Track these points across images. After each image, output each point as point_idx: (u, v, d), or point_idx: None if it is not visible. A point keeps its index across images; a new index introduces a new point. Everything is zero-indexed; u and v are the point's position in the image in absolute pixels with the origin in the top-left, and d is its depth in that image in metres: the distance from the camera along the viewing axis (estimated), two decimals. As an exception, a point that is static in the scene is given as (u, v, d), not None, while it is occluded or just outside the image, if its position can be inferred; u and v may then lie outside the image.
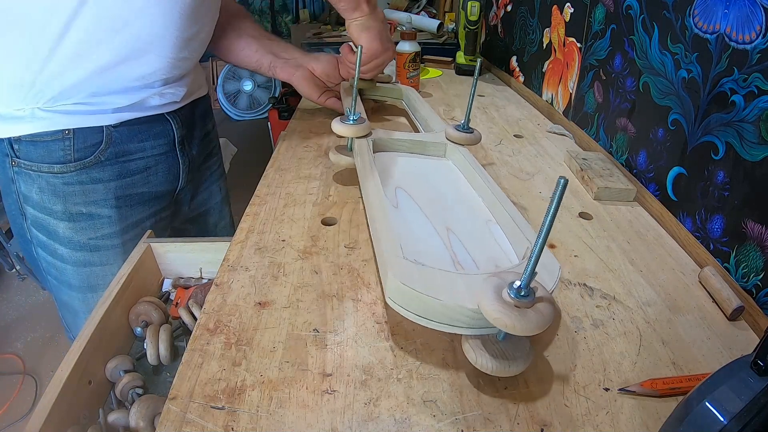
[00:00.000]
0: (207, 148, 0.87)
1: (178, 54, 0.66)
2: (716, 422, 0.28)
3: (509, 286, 0.35)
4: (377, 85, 0.99)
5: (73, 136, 0.64)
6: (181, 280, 0.65)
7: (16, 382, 1.55)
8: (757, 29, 0.48)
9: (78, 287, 0.73)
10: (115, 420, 0.47)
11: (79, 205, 0.68)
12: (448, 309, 0.37)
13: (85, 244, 0.70)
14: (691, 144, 0.59)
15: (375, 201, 0.51)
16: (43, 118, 0.62)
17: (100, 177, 0.68)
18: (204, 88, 0.84)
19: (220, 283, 0.50)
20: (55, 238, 0.69)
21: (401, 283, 0.38)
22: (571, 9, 0.91)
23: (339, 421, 0.37)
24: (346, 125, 0.66)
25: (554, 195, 0.30)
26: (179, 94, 0.72)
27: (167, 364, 0.53)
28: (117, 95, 0.64)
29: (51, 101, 0.61)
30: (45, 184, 0.66)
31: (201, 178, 0.88)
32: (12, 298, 1.94)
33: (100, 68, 0.61)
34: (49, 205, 0.67)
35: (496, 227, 0.53)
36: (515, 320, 0.33)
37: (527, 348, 0.39)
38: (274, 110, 2.71)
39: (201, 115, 0.83)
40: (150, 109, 0.69)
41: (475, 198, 0.59)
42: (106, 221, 0.70)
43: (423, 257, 0.45)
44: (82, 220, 0.69)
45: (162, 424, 0.36)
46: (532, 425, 0.37)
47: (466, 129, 0.68)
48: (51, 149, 0.63)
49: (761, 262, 0.48)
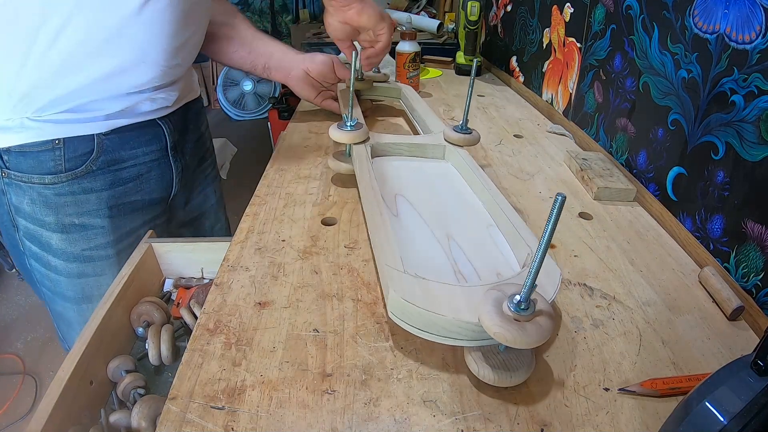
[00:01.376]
0: (200, 151, 0.86)
1: (170, 62, 0.65)
2: (716, 422, 0.28)
3: (509, 299, 0.35)
4: (374, 85, 0.99)
5: (63, 146, 0.62)
6: (183, 280, 0.65)
7: (16, 382, 1.56)
8: (757, 29, 0.48)
9: (72, 298, 0.72)
10: (116, 420, 0.47)
11: (71, 216, 0.66)
12: (450, 324, 0.38)
13: (79, 255, 0.69)
14: (691, 144, 0.59)
15: (374, 211, 0.51)
16: (32, 128, 0.60)
17: (92, 187, 0.66)
18: (196, 90, 0.83)
19: (220, 283, 0.50)
20: (48, 249, 0.68)
21: (403, 299, 0.38)
22: (571, 9, 0.91)
23: (339, 421, 0.37)
24: (344, 131, 0.66)
25: (552, 211, 0.31)
26: (171, 98, 0.71)
27: (169, 364, 0.53)
28: (107, 102, 0.63)
29: (40, 111, 0.60)
30: (36, 195, 0.64)
31: (195, 182, 0.86)
32: (12, 298, 1.94)
33: (91, 79, 0.60)
34: (41, 217, 0.66)
35: (496, 232, 0.53)
36: (515, 334, 0.34)
37: (529, 357, 0.39)
38: (274, 110, 2.71)
39: (193, 118, 0.82)
40: (141, 115, 0.68)
41: (475, 201, 0.59)
42: (99, 231, 0.69)
43: (424, 268, 0.46)
44: (75, 231, 0.67)
45: (162, 424, 0.36)
46: (532, 425, 0.37)
47: (465, 130, 0.68)
48: (41, 160, 0.62)
49: (761, 262, 0.48)
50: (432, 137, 0.72)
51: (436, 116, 0.80)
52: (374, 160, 0.67)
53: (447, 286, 0.40)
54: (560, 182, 0.72)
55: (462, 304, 0.38)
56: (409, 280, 0.40)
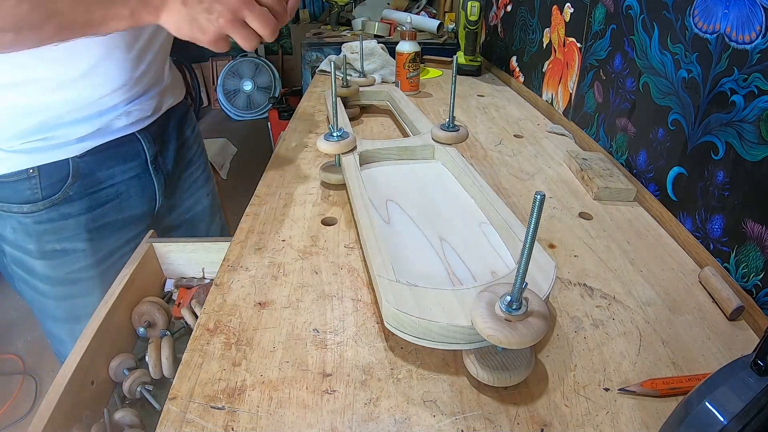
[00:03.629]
0: (185, 157, 0.82)
1: (133, 74, 0.63)
2: (716, 422, 0.28)
3: (501, 300, 0.35)
4: (361, 90, 0.99)
5: (38, 174, 0.61)
6: (184, 280, 0.65)
7: (16, 382, 1.55)
8: (757, 29, 0.48)
9: (62, 319, 0.71)
10: (121, 418, 0.47)
11: (52, 243, 0.65)
12: (444, 329, 0.38)
13: (64, 278, 0.68)
14: (691, 144, 0.59)
15: (365, 222, 0.51)
16: (5, 159, 0.60)
17: (69, 212, 0.65)
18: (179, 93, 0.79)
19: (220, 283, 0.50)
20: (33, 275, 0.68)
21: (395, 309, 0.39)
22: (571, 9, 0.91)
23: (339, 421, 0.37)
24: (330, 143, 0.65)
25: (532, 211, 0.31)
26: (148, 108, 0.68)
27: (170, 377, 0.53)
28: (78, 126, 0.62)
29: (10, 140, 0.59)
30: (17, 223, 0.64)
31: (182, 188, 0.82)
32: (12, 298, 1.94)
33: (54, 114, 0.59)
34: (23, 244, 0.65)
35: (489, 228, 0.54)
36: (508, 335, 0.34)
37: (528, 356, 0.39)
38: (274, 110, 2.72)
39: (177, 125, 0.78)
40: (117, 131, 0.65)
41: (467, 199, 0.59)
42: (81, 255, 0.68)
43: (417, 274, 0.46)
44: (57, 257, 0.66)
45: (162, 424, 0.36)
46: (532, 425, 0.37)
47: (452, 128, 0.68)
48: (18, 189, 0.61)
49: (761, 262, 0.48)
50: (420, 138, 0.72)
51: (425, 118, 0.80)
52: (365, 169, 0.66)
53: (439, 291, 0.40)
54: (560, 182, 0.72)
55: (455, 308, 0.39)
56: (401, 289, 0.41)
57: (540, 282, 0.42)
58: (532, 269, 0.43)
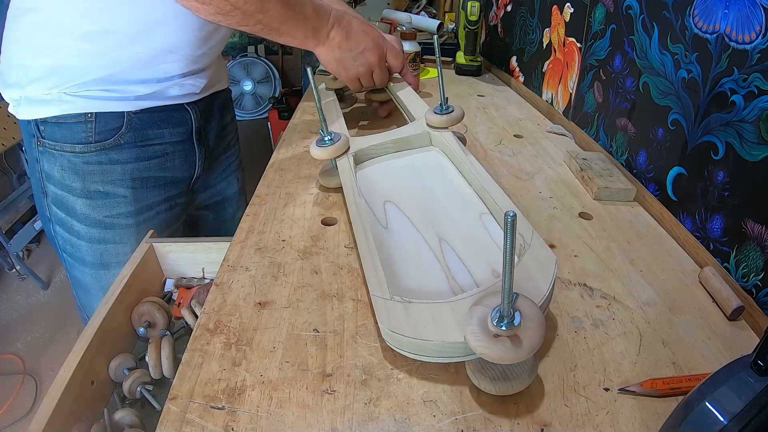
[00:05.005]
0: (225, 139, 0.90)
1: (197, 51, 0.70)
2: (716, 422, 0.28)
3: (492, 314, 0.35)
4: None
5: (95, 120, 0.67)
6: (184, 280, 0.65)
7: (16, 382, 1.56)
8: (757, 29, 0.48)
9: (91, 263, 0.75)
10: (121, 418, 0.47)
11: (96, 184, 0.71)
12: (440, 346, 0.38)
13: (101, 221, 0.73)
14: (691, 144, 0.59)
15: (360, 236, 0.50)
16: (68, 102, 0.66)
17: (118, 158, 0.71)
18: (225, 81, 0.86)
19: (220, 283, 0.50)
20: (72, 214, 0.72)
21: (389, 331, 0.39)
22: (571, 9, 0.91)
23: (339, 421, 0.37)
24: (323, 148, 0.63)
25: (505, 231, 0.30)
26: (199, 85, 0.75)
27: (170, 377, 0.53)
28: (138, 85, 0.68)
29: (76, 87, 0.65)
30: (66, 162, 0.69)
31: (218, 168, 0.90)
32: (12, 298, 1.94)
33: (122, 68, 0.66)
34: (68, 183, 0.70)
35: (489, 219, 0.53)
36: (501, 352, 0.34)
37: (531, 363, 0.39)
38: (274, 110, 2.72)
39: (219, 108, 0.85)
40: (170, 98, 0.72)
41: (465, 189, 0.59)
42: (122, 200, 0.73)
43: (415, 281, 0.46)
44: (99, 198, 0.72)
45: (162, 424, 0.36)
46: (532, 425, 0.37)
47: (445, 110, 0.67)
48: (74, 130, 0.67)
49: (761, 262, 0.48)
50: (414, 126, 0.70)
51: (420, 101, 0.77)
52: (361, 169, 0.65)
53: (434, 305, 0.40)
54: (560, 182, 0.72)
55: (450, 323, 0.39)
56: (395, 307, 0.41)
57: (539, 281, 0.41)
58: (531, 266, 0.43)
